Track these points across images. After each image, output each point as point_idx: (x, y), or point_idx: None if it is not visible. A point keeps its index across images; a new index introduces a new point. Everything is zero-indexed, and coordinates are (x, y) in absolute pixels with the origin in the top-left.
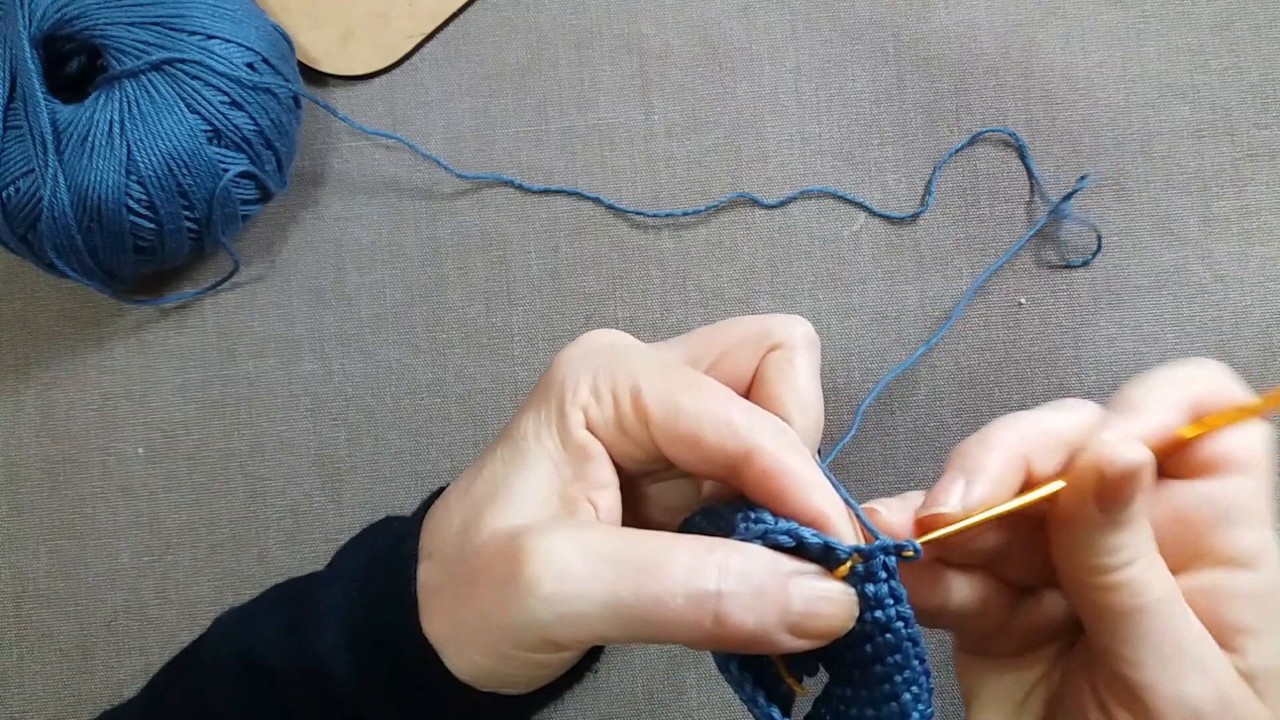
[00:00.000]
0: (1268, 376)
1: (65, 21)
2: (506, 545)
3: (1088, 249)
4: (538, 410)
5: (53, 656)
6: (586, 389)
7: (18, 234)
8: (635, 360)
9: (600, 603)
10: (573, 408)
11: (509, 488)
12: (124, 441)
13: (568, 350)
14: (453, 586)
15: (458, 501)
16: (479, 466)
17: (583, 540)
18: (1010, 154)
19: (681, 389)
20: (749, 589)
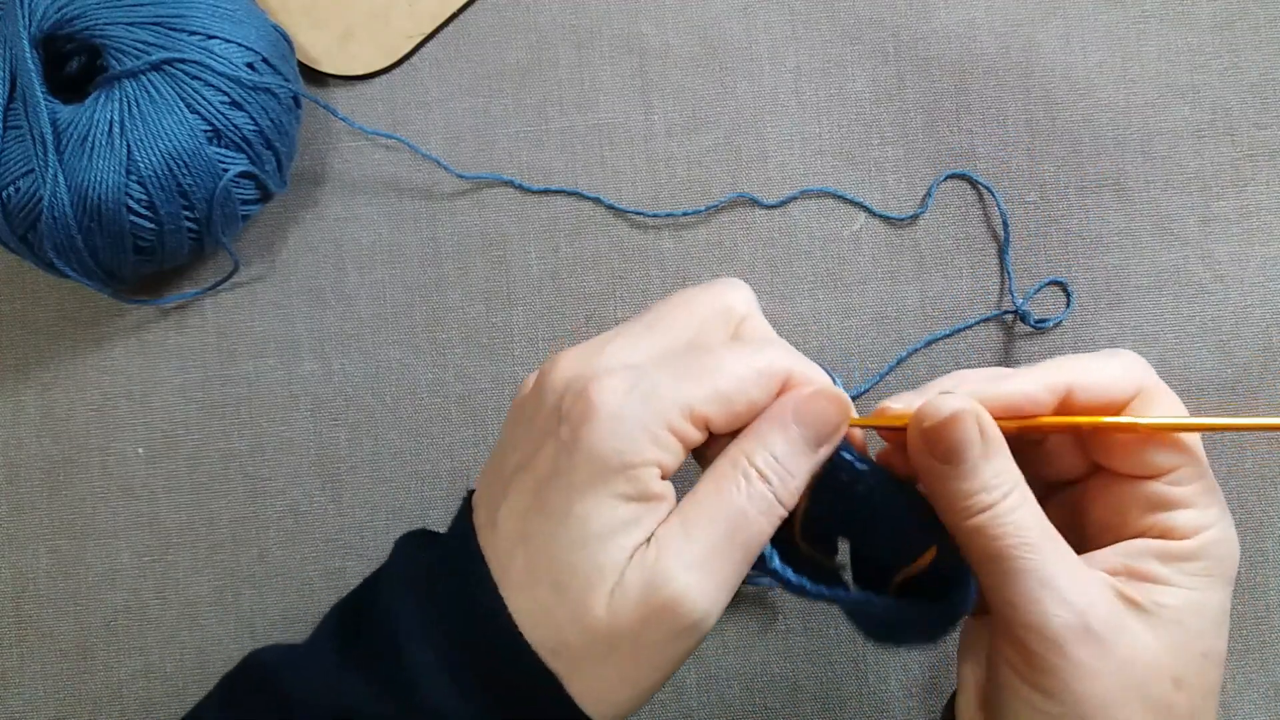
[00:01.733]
0: (1268, 376)
1: (65, 21)
2: (647, 606)
3: (1058, 307)
4: (592, 487)
5: (52, 656)
6: (649, 443)
7: (17, 234)
8: (665, 385)
9: (731, 580)
10: (646, 472)
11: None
12: (124, 441)
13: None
14: (602, 669)
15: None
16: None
17: (685, 557)
18: (1012, 153)
19: (715, 375)
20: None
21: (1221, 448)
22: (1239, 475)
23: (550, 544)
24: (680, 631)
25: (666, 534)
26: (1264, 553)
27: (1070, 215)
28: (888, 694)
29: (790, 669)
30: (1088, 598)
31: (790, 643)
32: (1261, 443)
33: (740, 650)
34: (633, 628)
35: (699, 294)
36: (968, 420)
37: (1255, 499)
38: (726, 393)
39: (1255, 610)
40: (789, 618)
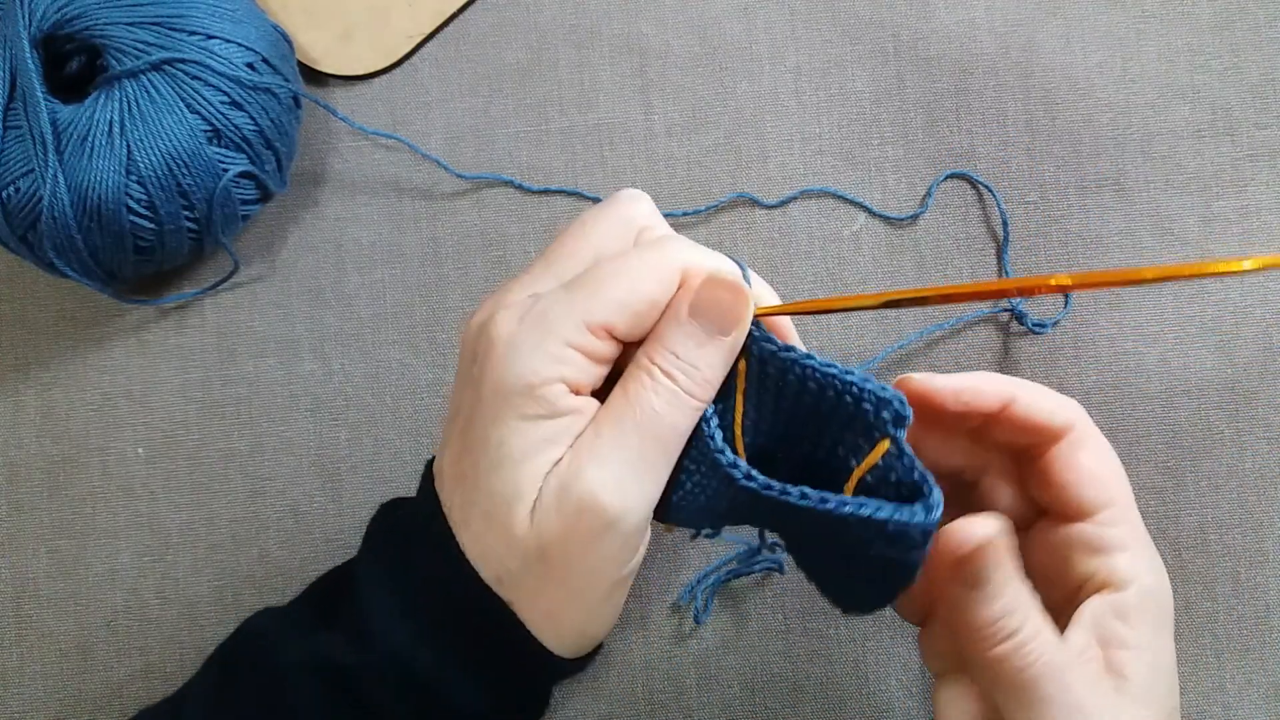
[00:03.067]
0: (1268, 376)
1: (65, 21)
2: (564, 516)
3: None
4: (501, 416)
5: (52, 656)
6: (549, 361)
7: (17, 234)
8: (557, 304)
9: (654, 478)
10: (550, 388)
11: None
12: (124, 441)
13: (496, 349)
14: (542, 585)
15: (484, 525)
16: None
17: (604, 461)
18: (1012, 153)
19: (606, 284)
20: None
21: (1222, 447)
22: (1239, 475)
23: (476, 476)
24: (601, 529)
25: (580, 442)
26: (1264, 553)
27: (1070, 215)
28: (888, 694)
29: (790, 669)
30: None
31: (790, 643)
32: (1262, 443)
33: (740, 650)
34: (556, 536)
35: (595, 214)
36: (999, 548)
37: (1255, 499)
38: (621, 297)
39: (1255, 610)
40: (789, 618)
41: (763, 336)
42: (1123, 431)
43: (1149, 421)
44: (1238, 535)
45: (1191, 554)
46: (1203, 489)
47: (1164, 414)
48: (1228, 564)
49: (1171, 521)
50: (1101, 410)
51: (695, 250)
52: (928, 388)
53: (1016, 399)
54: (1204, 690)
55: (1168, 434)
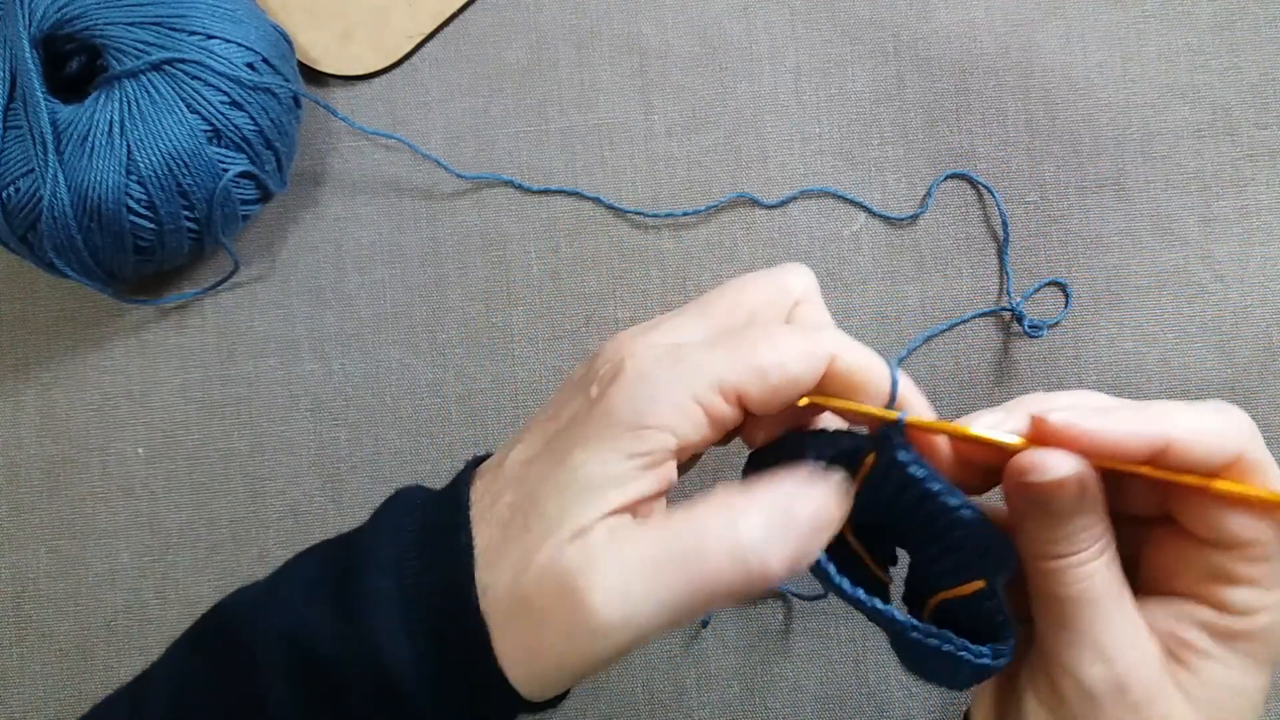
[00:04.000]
0: (1268, 376)
1: (65, 21)
2: (561, 585)
3: (1058, 305)
4: (600, 440)
5: (52, 656)
6: (671, 410)
7: (17, 234)
8: (700, 357)
9: (661, 607)
10: (657, 434)
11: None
12: (124, 441)
13: (625, 376)
14: (520, 623)
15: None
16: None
17: (626, 557)
18: (1012, 153)
19: (754, 351)
20: (776, 531)
21: None
22: None
23: (539, 485)
24: (579, 629)
25: (623, 525)
26: None
27: (1070, 215)
28: (888, 694)
29: (790, 669)
30: (1131, 659)
31: (790, 643)
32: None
33: (740, 650)
34: (543, 598)
35: (756, 278)
36: (1071, 487)
37: None
38: (763, 366)
39: None
40: (789, 618)
41: (900, 444)
42: None
43: None
44: None
45: None
46: None
47: None
48: None
49: None
50: None
51: (848, 342)
52: (1071, 433)
53: (1172, 443)
54: None
55: None
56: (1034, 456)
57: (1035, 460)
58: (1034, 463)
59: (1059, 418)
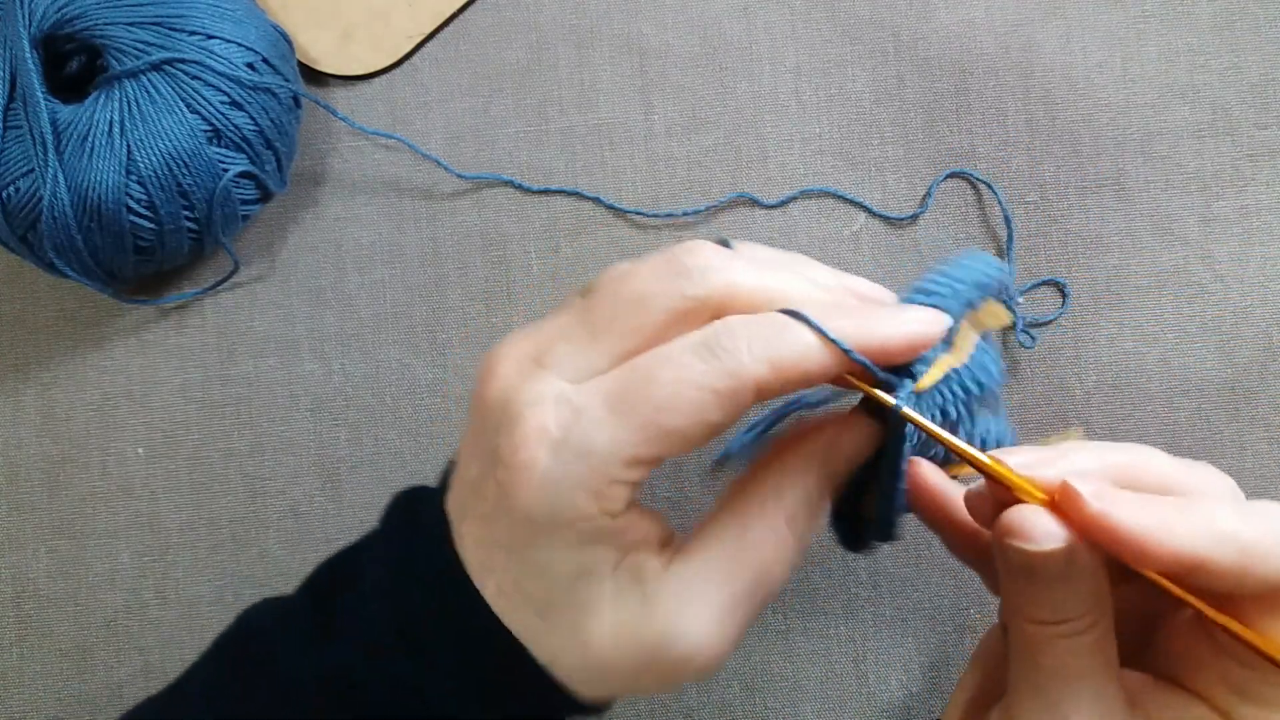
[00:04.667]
0: (1268, 377)
1: (65, 21)
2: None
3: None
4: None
5: (52, 656)
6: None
7: (17, 234)
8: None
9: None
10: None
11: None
12: (124, 441)
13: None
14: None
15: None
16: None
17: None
18: (1011, 153)
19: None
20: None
21: (1222, 447)
22: (1239, 475)
23: (520, 577)
24: (684, 674)
25: (685, 574)
26: None
27: (1070, 215)
28: (888, 694)
29: (790, 669)
30: None
31: (790, 643)
32: (1262, 442)
33: (740, 650)
34: (634, 669)
35: (642, 268)
36: (1058, 559)
37: (1256, 498)
38: (675, 429)
39: None
40: (789, 618)
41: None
42: (1123, 432)
43: (1149, 422)
44: None
45: None
46: None
47: (1164, 414)
48: None
49: None
50: (1101, 410)
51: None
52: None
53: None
54: None
55: (1168, 434)
56: (1018, 518)
57: (1020, 524)
58: (1018, 526)
59: (1095, 503)
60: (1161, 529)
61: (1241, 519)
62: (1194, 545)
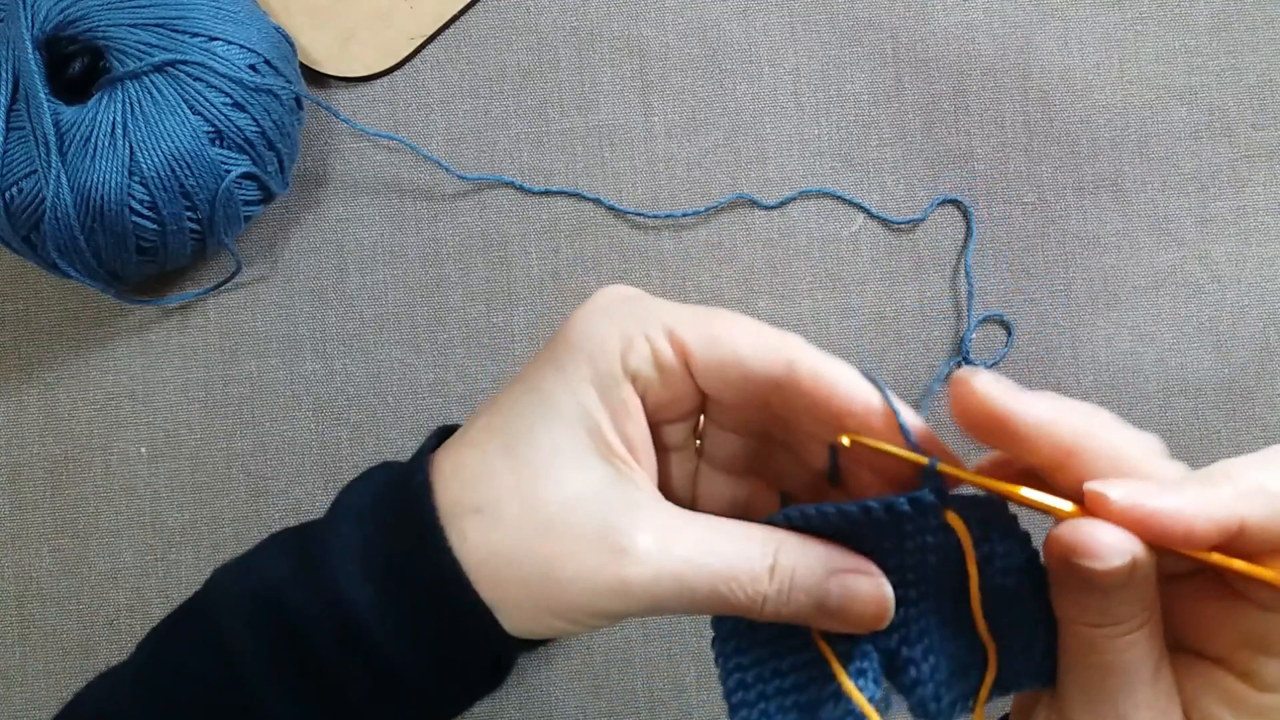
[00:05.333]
0: (1265, 376)
1: (68, 23)
2: (602, 536)
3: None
4: (564, 365)
5: (55, 655)
6: (618, 338)
7: (21, 235)
8: (661, 305)
9: (677, 594)
10: (610, 361)
11: (559, 453)
12: (127, 441)
13: (586, 305)
14: (529, 562)
15: (502, 460)
16: (508, 424)
17: (671, 542)
18: (1010, 154)
19: (711, 317)
20: (793, 586)
21: (1219, 447)
22: None
23: (512, 408)
24: (606, 576)
25: (639, 477)
26: None
27: (1068, 216)
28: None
29: None
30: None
31: None
32: (1259, 442)
33: None
34: (576, 545)
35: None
36: (1123, 572)
37: None
38: (714, 334)
39: None
40: None
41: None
42: None
43: (1146, 421)
44: None
45: None
46: None
47: (1161, 414)
48: None
49: None
50: None
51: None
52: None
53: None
54: None
55: (1165, 433)
56: (1084, 535)
57: (1086, 541)
58: (1084, 544)
59: (1121, 497)
60: (1197, 507)
61: (1263, 471)
62: (1230, 511)
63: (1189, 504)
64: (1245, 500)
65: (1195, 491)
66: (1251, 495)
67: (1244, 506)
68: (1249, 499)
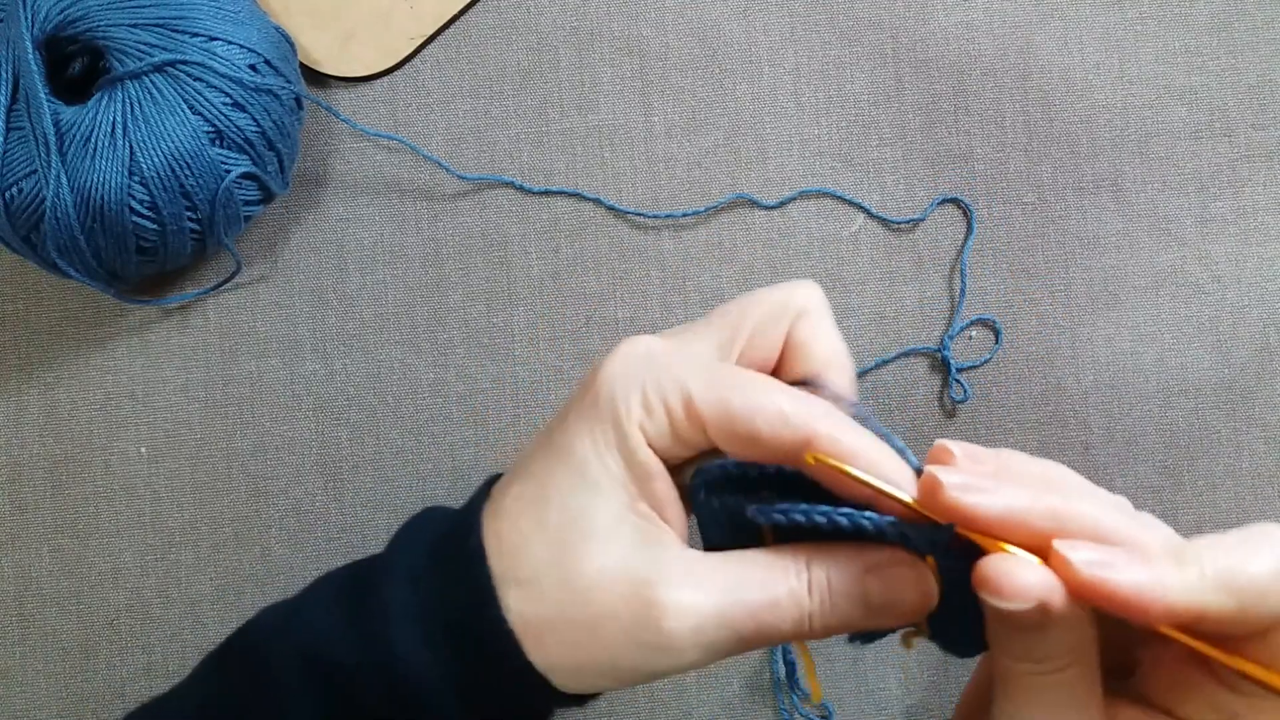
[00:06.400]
0: (1265, 376)
1: (68, 23)
2: (636, 596)
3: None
4: (592, 430)
5: (55, 655)
6: (638, 404)
7: (21, 235)
8: (679, 368)
9: (730, 633)
10: (631, 426)
11: (591, 520)
12: (127, 441)
13: (608, 365)
14: (570, 626)
15: (535, 531)
16: (541, 491)
17: (702, 583)
18: (1009, 154)
19: (729, 389)
20: (833, 593)
21: (1219, 447)
22: (1236, 475)
23: (544, 477)
24: (646, 638)
25: (666, 535)
26: None
27: (1068, 216)
28: (887, 694)
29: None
30: None
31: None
32: (1259, 442)
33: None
34: (611, 609)
35: (764, 291)
36: (1031, 617)
37: (1252, 498)
38: (732, 407)
39: None
40: None
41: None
42: (1120, 431)
43: (1146, 421)
44: (1234, 534)
45: None
46: (1200, 489)
47: (1161, 414)
48: None
49: (1169, 521)
50: (1099, 410)
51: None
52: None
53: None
54: None
55: (1165, 434)
56: (996, 572)
57: (993, 578)
58: (994, 581)
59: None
60: (1157, 587)
61: (1235, 555)
62: (1191, 599)
63: (1148, 586)
64: (1210, 590)
65: (1161, 571)
66: (1217, 585)
67: (1208, 597)
68: (1214, 589)
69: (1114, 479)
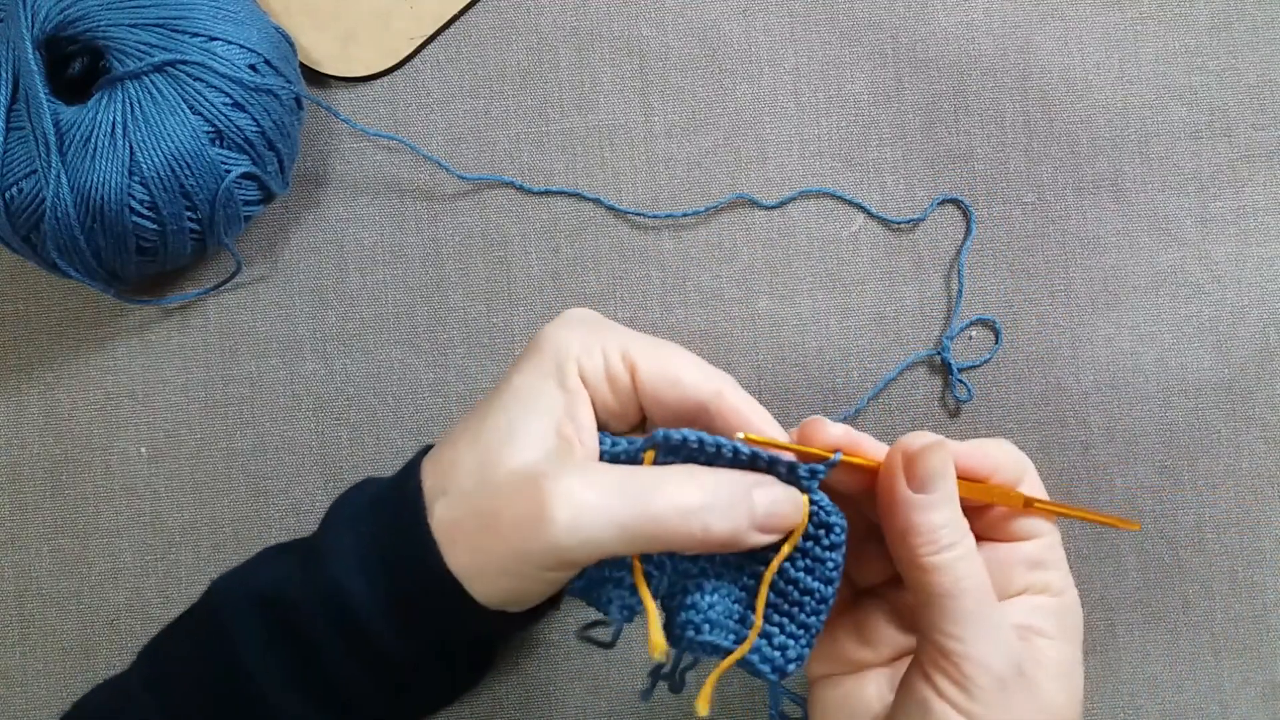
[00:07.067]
0: (1265, 376)
1: (68, 23)
2: (527, 485)
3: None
4: (534, 366)
5: (55, 655)
6: (579, 346)
7: (21, 234)
8: (621, 330)
9: (609, 524)
10: (569, 362)
11: (514, 432)
12: (127, 441)
13: (552, 324)
14: (476, 520)
15: (468, 447)
16: (480, 417)
17: (590, 477)
18: (1009, 154)
19: (661, 346)
20: (724, 501)
21: (1219, 447)
22: (1235, 474)
23: (485, 405)
24: (535, 519)
25: (578, 449)
26: (1261, 552)
27: (1068, 216)
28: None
29: None
30: (1016, 646)
31: None
32: (1258, 442)
33: None
34: (510, 500)
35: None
36: (945, 452)
37: (1252, 498)
38: (663, 359)
39: (1252, 609)
40: None
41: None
42: (1120, 431)
43: (1146, 421)
44: (1234, 534)
45: (1188, 553)
46: (1200, 488)
47: (1161, 414)
48: (1225, 563)
49: (1169, 521)
50: (1099, 410)
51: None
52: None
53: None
54: (1201, 689)
55: (1165, 434)
56: (909, 437)
57: (910, 438)
58: (910, 439)
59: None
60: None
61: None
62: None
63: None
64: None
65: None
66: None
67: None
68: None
69: (1114, 479)
